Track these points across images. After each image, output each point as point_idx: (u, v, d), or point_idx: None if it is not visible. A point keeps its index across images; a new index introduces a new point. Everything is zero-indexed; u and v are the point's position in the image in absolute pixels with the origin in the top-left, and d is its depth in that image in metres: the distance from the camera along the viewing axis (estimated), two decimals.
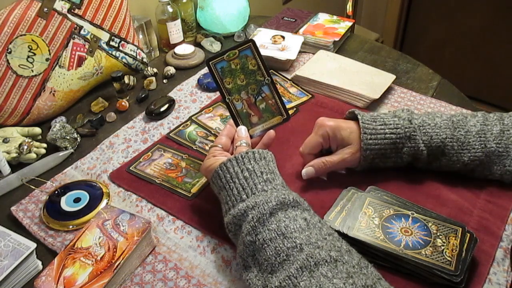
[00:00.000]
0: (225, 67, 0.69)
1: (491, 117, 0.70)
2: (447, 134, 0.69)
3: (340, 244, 0.53)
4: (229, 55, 0.68)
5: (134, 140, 0.87)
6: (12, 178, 0.77)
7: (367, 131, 0.69)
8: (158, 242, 0.66)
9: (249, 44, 0.69)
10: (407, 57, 1.11)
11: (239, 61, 0.69)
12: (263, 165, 0.61)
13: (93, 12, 0.95)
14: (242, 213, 0.56)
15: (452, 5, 2.16)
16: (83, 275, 0.57)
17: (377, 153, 0.70)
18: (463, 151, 0.68)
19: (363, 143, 0.69)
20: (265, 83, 0.70)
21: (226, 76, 0.69)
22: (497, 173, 0.69)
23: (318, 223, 0.55)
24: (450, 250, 0.58)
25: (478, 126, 0.69)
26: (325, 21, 1.22)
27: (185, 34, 1.20)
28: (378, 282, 0.49)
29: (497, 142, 0.68)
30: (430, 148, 0.69)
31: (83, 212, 0.70)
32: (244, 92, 0.70)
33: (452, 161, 0.69)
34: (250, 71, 0.69)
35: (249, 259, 0.55)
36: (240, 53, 0.69)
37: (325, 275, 0.48)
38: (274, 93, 0.71)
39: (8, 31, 0.84)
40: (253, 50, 0.69)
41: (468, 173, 0.71)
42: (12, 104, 0.88)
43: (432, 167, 0.72)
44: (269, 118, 0.71)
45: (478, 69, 2.20)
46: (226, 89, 0.69)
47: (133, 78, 1.03)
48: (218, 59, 0.68)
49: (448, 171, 0.72)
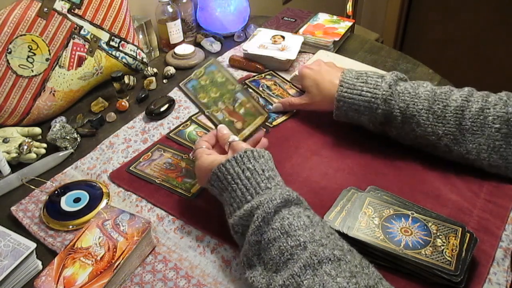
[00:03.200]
0: (195, 85, 0.73)
1: (476, 94, 0.71)
2: (424, 106, 0.70)
3: (341, 243, 0.53)
4: (196, 73, 0.74)
5: (134, 140, 0.87)
6: (12, 178, 0.77)
7: (344, 85, 0.76)
8: (158, 242, 0.66)
9: (212, 60, 0.75)
10: (407, 57, 1.11)
11: (207, 77, 0.74)
12: (263, 163, 0.61)
13: (93, 12, 0.95)
14: (248, 214, 0.56)
15: (452, 5, 2.16)
16: (83, 275, 0.57)
17: (350, 107, 0.75)
18: (438, 124, 0.70)
19: (337, 94, 0.76)
20: (237, 90, 0.74)
21: (199, 92, 0.73)
22: (473, 151, 0.69)
23: (320, 222, 0.56)
24: (450, 250, 0.58)
25: (459, 101, 0.69)
26: (325, 21, 1.22)
27: (185, 34, 1.20)
28: (379, 282, 0.49)
29: (473, 120, 0.68)
30: (405, 115, 0.71)
31: (83, 212, 0.70)
32: (221, 103, 0.73)
33: (427, 132, 0.71)
34: (220, 83, 0.74)
35: (254, 258, 0.55)
36: (205, 70, 0.74)
37: (328, 274, 0.48)
38: (249, 97, 0.74)
39: (8, 31, 0.84)
40: (217, 65, 0.75)
41: (446, 153, 0.72)
42: (12, 104, 0.88)
43: (409, 137, 0.74)
44: (252, 120, 0.73)
45: (478, 69, 2.20)
46: (203, 103, 0.72)
47: (133, 78, 1.03)
48: (186, 79, 0.73)
49: (426, 146, 0.73)
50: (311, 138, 0.83)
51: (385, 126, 0.75)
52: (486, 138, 0.67)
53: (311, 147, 0.81)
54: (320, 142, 0.82)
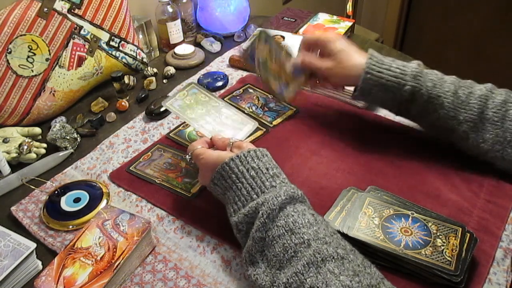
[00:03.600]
0: (182, 104, 0.77)
1: (499, 89, 0.71)
2: (450, 88, 0.70)
3: (344, 243, 0.53)
4: (180, 95, 0.78)
5: (134, 140, 0.87)
6: (12, 178, 0.77)
7: (373, 58, 0.73)
8: (158, 242, 0.66)
9: (192, 84, 0.79)
10: (407, 57, 1.11)
11: (191, 97, 0.78)
12: (267, 161, 0.61)
13: (93, 12, 0.95)
14: (254, 211, 0.56)
15: (452, 5, 2.16)
16: (83, 275, 0.57)
17: (378, 81, 0.72)
18: (461, 109, 0.69)
19: (366, 65, 0.72)
20: (222, 106, 0.78)
21: (186, 110, 0.76)
22: (489, 141, 0.69)
23: (324, 221, 0.56)
24: (450, 250, 0.58)
25: (484, 91, 0.70)
26: (325, 21, 1.22)
27: (185, 34, 1.20)
28: (381, 282, 0.49)
29: (495, 111, 0.68)
30: (431, 95, 0.70)
31: (83, 212, 0.70)
32: (209, 117, 0.75)
33: (449, 115, 0.70)
34: (204, 101, 0.78)
35: (257, 255, 0.55)
36: (188, 92, 0.78)
37: (332, 272, 0.48)
38: (233, 112, 0.77)
39: (8, 31, 0.84)
40: (197, 88, 0.79)
41: (462, 139, 0.71)
42: (12, 104, 0.88)
43: (429, 119, 0.73)
44: (242, 128, 0.76)
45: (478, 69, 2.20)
46: (192, 118, 0.75)
47: (133, 78, 1.03)
48: (171, 100, 0.77)
49: (443, 131, 0.73)
50: (311, 138, 0.83)
51: (407, 105, 0.73)
52: (504, 131, 0.67)
53: (311, 147, 0.81)
54: (320, 142, 0.82)
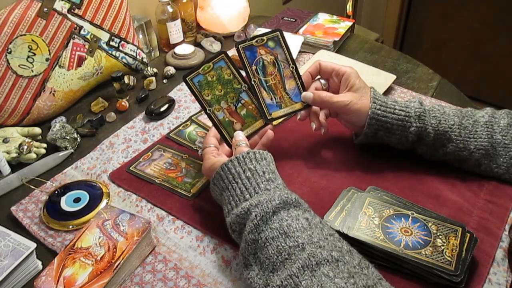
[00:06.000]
0: (202, 80, 0.70)
1: (499, 112, 0.72)
2: (455, 121, 0.70)
3: (341, 244, 0.53)
4: (204, 68, 0.71)
5: (134, 140, 0.87)
6: (12, 178, 0.77)
7: (377, 102, 0.70)
8: (158, 242, 0.66)
9: (222, 56, 0.72)
10: (407, 57, 1.11)
11: (215, 72, 0.71)
12: (264, 165, 0.61)
13: (93, 12, 0.95)
14: (245, 211, 0.56)
15: (452, 5, 2.16)
16: (83, 275, 0.57)
17: (382, 125, 0.71)
18: (470, 139, 0.69)
19: (370, 111, 0.70)
20: (242, 90, 0.72)
21: (204, 89, 0.70)
22: (503, 165, 0.69)
23: (319, 223, 0.55)
24: (450, 250, 0.58)
25: (486, 117, 0.70)
26: (325, 21, 1.22)
27: (185, 34, 1.20)
28: (379, 283, 0.49)
29: (503, 134, 0.69)
30: (437, 132, 0.70)
31: (83, 212, 0.70)
32: (224, 102, 0.71)
33: (458, 148, 0.70)
34: (227, 81, 0.72)
35: (250, 257, 0.55)
36: (214, 65, 0.71)
37: (326, 275, 0.48)
38: (253, 99, 0.73)
39: (8, 31, 0.84)
40: (226, 60, 0.72)
41: (475, 167, 0.71)
42: (12, 104, 0.88)
43: (439, 154, 0.72)
44: (252, 123, 0.73)
45: (478, 69, 2.20)
46: (206, 101, 0.70)
47: (133, 78, 1.03)
48: (194, 73, 0.70)
49: (455, 161, 0.72)
50: (311, 138, 0.83)
51: (415, 144, 0.73)
52: None
53: (311, 147, 0.81)
54: (320, 142, 0.82)
